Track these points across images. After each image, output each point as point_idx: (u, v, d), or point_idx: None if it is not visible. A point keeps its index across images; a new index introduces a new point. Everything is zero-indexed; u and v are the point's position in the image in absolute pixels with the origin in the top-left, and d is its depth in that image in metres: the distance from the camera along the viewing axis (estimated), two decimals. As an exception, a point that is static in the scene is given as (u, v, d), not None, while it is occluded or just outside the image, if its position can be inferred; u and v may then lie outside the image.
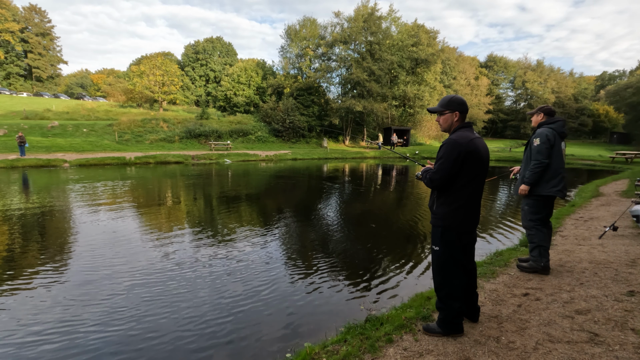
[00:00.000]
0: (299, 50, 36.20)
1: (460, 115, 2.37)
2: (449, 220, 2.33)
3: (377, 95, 31.50)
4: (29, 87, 57.34)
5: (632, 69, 52.09)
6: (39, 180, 11.53)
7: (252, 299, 3.68)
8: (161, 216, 7.16)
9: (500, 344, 2.38)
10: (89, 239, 5.56)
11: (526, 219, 3.66)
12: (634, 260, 3.95)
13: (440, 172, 2.27)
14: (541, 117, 3.63)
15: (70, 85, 69.83)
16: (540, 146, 3.45)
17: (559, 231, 5.53)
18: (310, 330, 3.11)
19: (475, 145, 2.27)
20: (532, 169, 3.49)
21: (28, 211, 7.21)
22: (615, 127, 51.25)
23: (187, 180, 12.57)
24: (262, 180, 13.48)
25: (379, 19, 31.77)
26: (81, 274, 4.25)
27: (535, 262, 3.66)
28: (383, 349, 2.37)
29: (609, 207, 7.51)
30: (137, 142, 23.49)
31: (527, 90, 51.57)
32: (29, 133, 21.62)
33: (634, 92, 38.87)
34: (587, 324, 2.59)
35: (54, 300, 3.59)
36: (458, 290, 2.42)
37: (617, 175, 15.07)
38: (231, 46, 59.67)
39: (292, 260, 4.85)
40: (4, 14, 49.77)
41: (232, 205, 8.47)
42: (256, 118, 31.60)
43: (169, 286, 3.93)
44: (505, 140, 48.78)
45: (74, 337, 2.97)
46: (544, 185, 3.49)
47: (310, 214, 7.97)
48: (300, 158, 23.26)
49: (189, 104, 54.85)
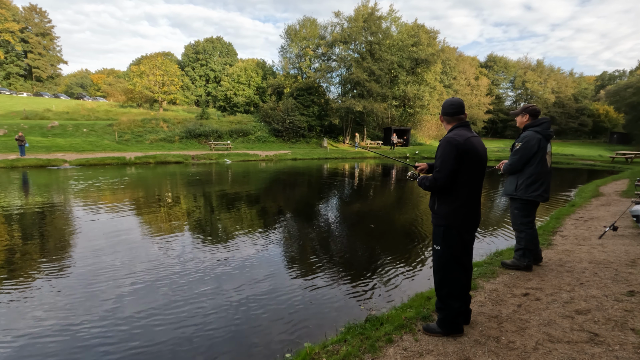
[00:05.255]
0: (299, 50, 36.21)
1: (444, 117, 2.45)
2: (450, 219, 2.33)
3: (377, 95, 31.49)
4: (29, 87, 57.32)
5: (632, 69, 52.08)
6: (39, 180, 11.53)
7: (252, 298, 3.68)
8: (162, 216, 7.16)
9: (500, 344, 2.38)
10: (89, 239, 5.56)
11: (517, 222, 3.73)
12: (634, 260, 3.95)
13: (443, 171, 2.26)
14: (527, 119, 3.63)
15: (70, 85, 69.80)
16: (520, 153, 3.53)
17: (558, 231, 5.53)
18: (310, 330, 3.11)
19: (472, 143, 2.27)
20: (506, 167, 3.70)
21: (28, 211, 7.21)
22: (615, 127, 51.25)
23: (187, 180, 12.57)
24: (262, 180, 13.48)
25: (379, 19, 31.77)
26: (82, 273, 4.24)
27: (518, 261, 3.78)
28: (383, 349, 2.37)
29: (609, 207, 7.50)
30: (137, 142, 23.49)
31: (527, 90, 51.60)
32: (29, 133, 21.61)
33: (634, 92, 38.85)
34: (587, 324, 2.59)
35: (54, 300, 3.59)
36: (458, 290, 2.42)
37: (617, 175, 15.07)
38: (231, 46, 59.69)
39: (291, 260, 4.85)
40: (4, 14, 49.77)
41: (232, 205, 8.47)
42: (256, 118, 31.60)
43: (169, 286, 3.93)
44: (505, 140, 48.76)
45: (75, 337, 2.97)
46: (525, 189, 3.57)
47: (310, 213, 7.97)
48: (300, 158, 23.25)
49: (189, 104, 54.85)
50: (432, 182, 2.33)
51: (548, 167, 3.57)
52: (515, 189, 3.63)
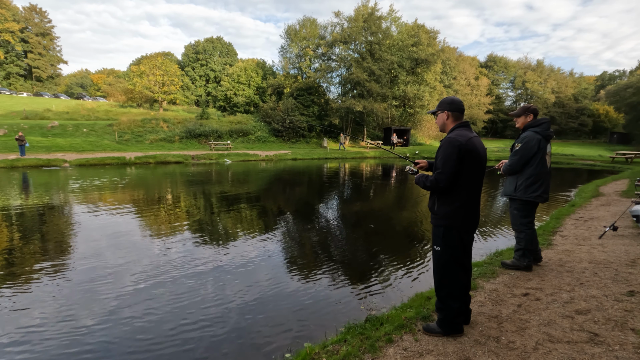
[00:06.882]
0: (299, 50, 36.23)
1: (452, 113, 2.40)
2: (450, 219, 2.33)
3: (377, 95, 31.50)
4: (29, 87, 57.31)
5: (632, 69, 52.08)
6: (39, 180, 11.53)
7: (252, 298, 3.67)
8: (162, 216, 7.16)
9: (500, 344, 2.38)
10: (89, 239, 5.56)
11: (517, 222, 3.73)
12: (634, 260, 3.96)
13: (445, 173, 2.24)
14: (530, 119, 3.65)
15: (70, 85, 69.79)
16: (520, 153, 3.53)
17: (558, 231, 5.53)
18: (310, 330, 3.11)
19: (473, 143, 2.27)
20: (505, 167, 3.71)
21: (28, 211, 7.21)
22: (615, 127, 51.24)
23: (187, 180, 12.57)
24: (262, 180, 13.48)
25: (379, 19, 31.78)
26: (82, 273, 4.24)
27: (518, 261, 3.79)
28: (383, 349, 2.37)
29: (609, 207, 7.50)
30: (137, 142, 23.49)
31: (527, 90, 51.61)
32: (29, 133, 21.61)
33: (634, 92, 38.85)
34: (587, 324, 2.59)
35: (55, 300, 3.58)
36: (458, 290, 2.42)
37: (617, 175, 15.07)
38: (231, 46, 59.69)
39: (291, 260, 4.85)
40: (4, 14, 49.76)
41: (232, 205, 8.47)
42: (256, 118, 31.60)
43: (169, 286, 3.93)
44: (505, 140, 48.78)
45: (75, 337, 2.97)
46: (524, 190, 3.57)
47: (310, 214, 7.97)
48: (300, 158, 23.25)
49: (189, 104, 54.83)
50: (434, 183, 2.30)
51: (548, 167, 3.58)
52: (515, 189, 3.64)
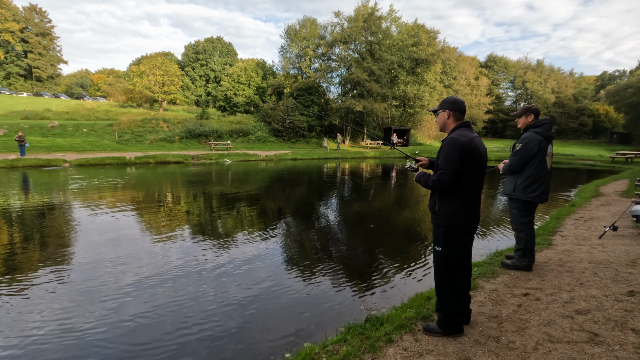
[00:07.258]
0: (299, 50, 36.23)
1: (453, 113, 2.40)
2: (451, 220, 2.33)
3: (377, 95, 31.50)
4: (29, 87, 57.31)
5: (632, 69, 52.09)
6: (39, 180, 11.53)
7: (252, 298, 3.67)
8: (162, 216, 7.16)
9: (500, 344, 2.38)
10: (88, 238, 5.56)
11: (516, 222, 3.73)
12: (634, 260, 3.95)
13: (448, 173, 2.23)
14: (532, 119, 3.64)
15: (70, 85, 69.79)
16: (520, 154, 3.53)
17: (558, 231, 5.53)
18: (310, 330, 3.10)
19: (475, 144, 2.27)
20: (505, 167, 3.71)
21: (28, 211, 7.21)
22: (615, 127, 51.25)
23: (187, 180, 12.57)
24: (262, 180, 13.48)
25: (379, 19, 31.79)
26: (82, 273, 4.24)
27: (518, 261, 3.79)
28: (383, 349, 2.37)
29: (609, 207, 7.50)
30: (137, 142, 23.49)
31: (527, 90, 51.60)
32: (29, 133, 21.61)
33: (634, 92, 38.86)
34: (587, 324, 2.59)
35: (55, 300, 3.59)
36: (458, 291, 2.42)
37: (617, 175, 15.07)
38: (231, 46, 59.71)
39: (291, 260, 4.85)
40: (4, 14, 49.76)
41: (233, 205, 8.47)
42: (256, 118, 31.60)
43: (169, 286, 3.93)
44: (505, 140, 48.77)
45: (75, 337, 2.97)
46: (523, 190, 3.58)
47: (310, 213, 7.97)
48: (300, 158, 23.25)
49: (189, 104, 54.85)
50: (437, 183, 2.28)
51: (548, 168, 3.57)
52: (514, 189, 3.64)
